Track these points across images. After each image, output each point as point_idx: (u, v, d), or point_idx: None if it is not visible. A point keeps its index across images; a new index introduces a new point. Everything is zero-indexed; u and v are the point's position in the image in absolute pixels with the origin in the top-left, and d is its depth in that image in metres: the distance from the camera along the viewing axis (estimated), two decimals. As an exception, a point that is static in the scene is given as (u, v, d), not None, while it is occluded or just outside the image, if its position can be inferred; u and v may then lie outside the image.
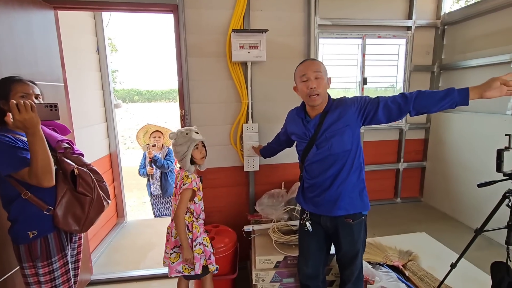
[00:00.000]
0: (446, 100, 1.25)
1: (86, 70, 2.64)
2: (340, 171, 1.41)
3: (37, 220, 1.24)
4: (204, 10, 2.04)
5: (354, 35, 2.96)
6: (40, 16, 1.73)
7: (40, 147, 1.13)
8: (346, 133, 1.38)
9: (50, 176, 1.18)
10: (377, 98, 1.37)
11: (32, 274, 1.24)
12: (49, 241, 1.26)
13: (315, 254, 1.56)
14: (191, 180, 1.60)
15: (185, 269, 1.64)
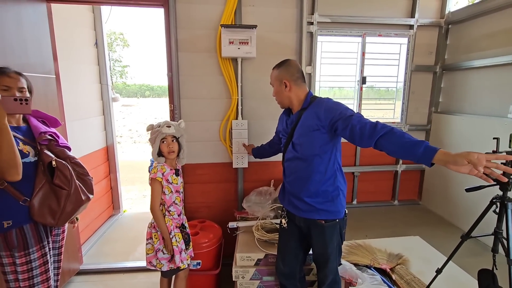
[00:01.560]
0: (409, 154, 1.08)
1: (82, 63, 2.68)
2: (310, 175, 1.39)
3: (12, 211, 1.24)
4: (195, 4, 2.04)
5: (354, 33, 2.90)
6: (31, 9, 1.77)
7: (5, 141, 1.12)
8: (316, 137, 1.34)
9: (14, 171, 1.17)
10: (350, 118, 1.22)
11: (9, 263, 1.25)
12: (26, 232, 1.27)
13: (291, 253, 1.55)
14: (157, 170, 1.60)
15: (157, 264, 1.64)
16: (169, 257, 1.63)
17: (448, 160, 1.01)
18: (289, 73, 1.43)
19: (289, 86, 1.42)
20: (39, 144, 1.35)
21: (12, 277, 1.24)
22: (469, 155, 0.96)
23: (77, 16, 2.62)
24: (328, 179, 1.40)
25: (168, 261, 1.63)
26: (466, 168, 0.98)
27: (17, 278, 1.24)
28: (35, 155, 1.31)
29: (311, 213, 1.42)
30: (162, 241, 1.63)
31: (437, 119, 3.14)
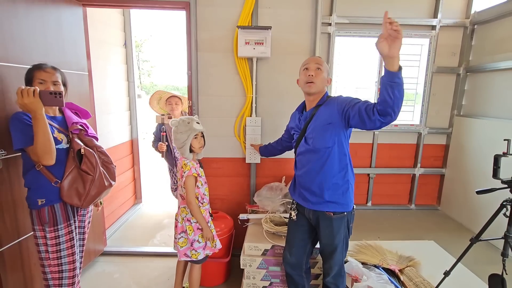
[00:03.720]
0: (392, 89, 1.11)
1: (112, 62, 2.91)
2: (322, 167, 1.45)
3: (46, 190, 1.41)
4: (214, 7, 2.16)
5: (372, 33, 2.89)
6: (69, 12, 1.97)
7: (41, 129, 1.28)
8: (329, 131, 1.42)
9: (48, 156, 1.32)
10: (357, 104, 1.30)
11: (41, 236, 1.42)
12: (56, 210, 1.44)
13: (299, 244, 1.62)
14: (190, 167, 1.69)
15: (192, 254, 1.73)
16: (204, 244, 1.74)
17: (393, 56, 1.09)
18: (328, 72, 1.58)
19: (328, 80, 1.57)
20: (71, 133, 1.52)
21: (44, 248, 1.41)
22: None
23: (109, 18, 2.85)
24: (338, 172, 1.45)
25: (203, 249, 1.75)
26: (385, 45, 1.08)
27: (47, 250, 1.41)
28: (67, 142, 1.48)
29: (321, 205, 1.47)
30: (197, 231, 1.73)
31: (459, 123, 3.04)
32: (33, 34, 1.68)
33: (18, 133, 1.32)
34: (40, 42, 1.73)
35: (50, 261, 1.42)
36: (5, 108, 1.51)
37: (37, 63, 1.46)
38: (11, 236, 1.58)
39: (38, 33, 1.72)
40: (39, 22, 1.73)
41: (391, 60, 1.09)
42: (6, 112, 1.51)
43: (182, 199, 1.77)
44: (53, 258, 1.42)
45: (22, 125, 1.33)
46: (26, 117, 1.35)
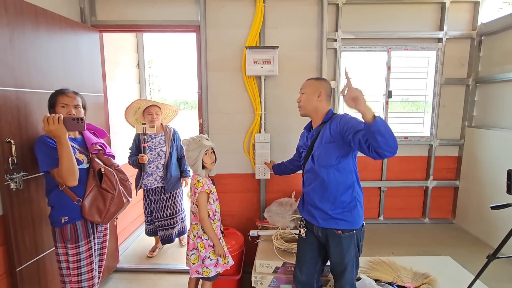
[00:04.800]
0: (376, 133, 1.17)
1: (126, 82, 3.04)
2: (328, 185, 1.47)
3: (69, 209, 1.49)
4: (223, 29, 2.25)
5: (378, 48, 2.92)
6: (87, 38, 2.10)
7: (65, 153, 1.37)
8: (333, 149, 1.44)
9: (72, 178, 1.41)
10: (358, 133, 1.29)
11: (63, 253, 1.49)
12: (77, 228, 1.51)
13: (309, 262, 1.61)
14: (203, 183, 1.73)
15: (204, 271, 1.74)
16: (216, 261, 1.75)
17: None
18: (325, 88, 1.57)
19: (321, 97, 1.55)
20: (90, 153, 1.59)
21: (65, 265, 1.47)
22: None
23: (123, 41, 3.00)
24: (345, 189, 1.46)
25: (215, 266, 1.75)
26: (351, 103, 1.20)
27: (68, 266, 1.46)
28: (88, 162, 1.55)
29: (328, 222, 1.48)
30: (208, 248, 1.74)
31: (471, 134, 2.99)
32: (54, 61, 1.79)
33: (44, 156, 1.40)
34: (60, 67, 1.84)
35: (71, 277, 1.47)
36: (27, 132, 1.60)
37: (60, 89, 1.55)
38: (29, 254, 1.64)
39: (58, 60, 1.83)
40: (59, 49, 1.84)
41: (362, 114, 1.18)
42: (29, 136, 1.60)
43: (194, 216, 1.80)
44: (74, 275, 1.47)
45: (47, 149, 1.41)
46: (51, 140, 1.43)
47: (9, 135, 1.49)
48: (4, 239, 1.54)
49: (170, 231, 2.69)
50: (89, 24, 2.23)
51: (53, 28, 1.79)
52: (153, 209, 2.66)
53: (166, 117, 2.75)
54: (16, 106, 1.54)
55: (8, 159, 1.48)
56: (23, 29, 1.59)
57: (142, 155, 2.45)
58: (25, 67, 1.60)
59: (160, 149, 2.58)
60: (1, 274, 1.53)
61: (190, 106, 28.74)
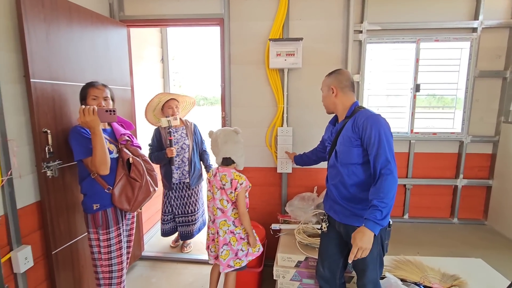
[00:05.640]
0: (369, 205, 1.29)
1: (151, 76, 3.11)
2: (350, 182, 1.43)
3: (100, 196, 1.56)
4: (246, 22, 2.24)
5: (406, 39, 2.80)
6: (116, 33, 2.16)
7: (98, 143, 1.43)
8: (355, 147, 1.39)
9: (104, 167, 1.47)
10: (375, 153, 1.31)
11: (95, 239, 1.57)
12: (108, 214, 1.58)
13: (331, 257, 1.58)
14: (244, 178, 1.72)
15: (236, 263, 1.75)
16: (247, 252, 1.78)
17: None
18: (337, 81, 1.50)
19: (336, 92, 1.49)
20: (119, 143, 1.65)
21: (97, 249, 1.54)
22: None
23: (149, 36, 3.07)
24: (368, 187, 1.41)
25: (246, 256, 1.78)
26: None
27: (100, 251, 1.53)
28: (117, 152, 1.61)
29: (350, 219, 1.44)
30: (240, 241, 1.76)
31: (507, 130, 2.80)
32: (85, 55, 1.87)
33: (79, 146, 1.46)
34: (91, 61, 1.91)
35: (102, 262, 1.54)
36: (62, 122, 1.68)
37: (90, 81, 1.61)
38: (64, 239, 1.73)
39: (89, 54, 1.90)
40: (90, 43, 1.91)
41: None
42: (63, 126, 1.68)
43: (222, 213, 1.74)
44: (105, 259, 1.54)
45: (82, 139, 1.48)
46: (84, 131, 1.50)
47: (45, 125, 1.58)
48: (41, 223, 1.64)
49: (191, 228, 2.67)
50: (117, 19, 2.30)
51: (85, 23, 1.86)
52: (174, 206, 2.63)
53: (183, 110, 2.73)
54: (52, 98, 1.62)
55: (45, 148, 1.57)
56: (58, 25, 1.66)
57: (170, 148, 2.39)
58: (59, 60, 1.67)
59: (183, 142, 2.58)
60: (39, 256, 1.63)
61: (209, 102, 29.15)
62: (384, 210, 1.24)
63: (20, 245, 1.51)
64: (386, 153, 1.29)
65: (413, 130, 2.91)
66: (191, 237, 2.70)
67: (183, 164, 2.57)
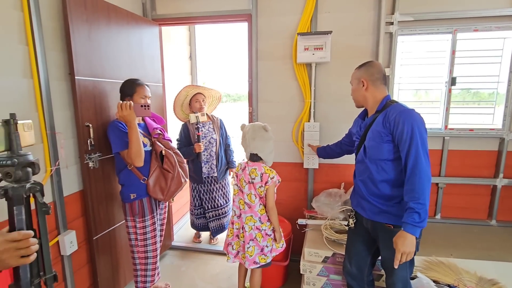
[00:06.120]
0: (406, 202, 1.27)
1: (180, 73, 3.21)
2: (379, 179, 1.39)
3: (136, 186, 1.66)
4: (274, 17, 2.24)
5: (442, 30, 2.65)
6: (149, 31, 2.25)
7: (135, 137, 1.52)
8: (386, 143, 1.35)
9: (139, 159, 1.56)
10: (410, 148, 1.26)
11: (132, 226, 1.67)
12: (144, 204, 1.67)
13: (359, 254, 1.56)
14: (275, 173, 1.72)
15: (261, 259, 1.74)
16: (271, 248, 1.78)
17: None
18: (368, 73, 1.45)
19: (366, 85, 1.45)
20: (152, 137, 1.74)
21: (134, 236, 1.64)
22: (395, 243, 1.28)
23: (178, 34, 3.17)
24: (398, 184, 1.37)
25: (270, 252, 1.78)
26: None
27: (136, 238, 1.63)
28: (150, 145, 1.70)
29: (379, 216, 1.41)
30: (265, 237, 1.75)
31: (555, 126, 2.58)
32: (121, 53, 1.97)
33: (117, 139, 1.56)
34: (126, 59, 2.02)
35: (138, 248, 1.64)
36: (102, 117, 1.79)
37: (136, 79, 1.72)
38: (103, 226, 1.85)
39: (125, 52, 2.00)
40: (126, 42, 2.01)
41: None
42: (103, 121, 1.79)
43: (249, 208, 1.74)
44: (141, 246, 1.64)
45: (119, 132, 1.58)
46: (121, 125, 1.59)
47: (88, 119, 1.69)
48: (84, 211, 1.77)
49: (222, 221, 2.71)
50: (150, 18, 2.39)
51: (121, 23, 1.96)
52: (203, 199, 2.66)
53: (209, 106, 2.77)
54: (93, 94, 1.74)
55: (87, 141, 1.69)
56: (98, 25, 1.77)
57: (199, 144, 2.44)
58: (99, 59, 1.78)
59: (210, 137, 2.61)
60: (82, 240, 1.77)
61: (232, 99, 29.45)
62: (422, 212, 1.22)
63: (66, 230, 1.65)
64: (419, 150, 1.24)
65: (448, 126, 2.76)
66: (223, 230, 2.72)
67: (211, 158, 2.61)
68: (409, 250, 1.23)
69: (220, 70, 22.71)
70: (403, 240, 1.22)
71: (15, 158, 0.70)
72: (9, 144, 0.72)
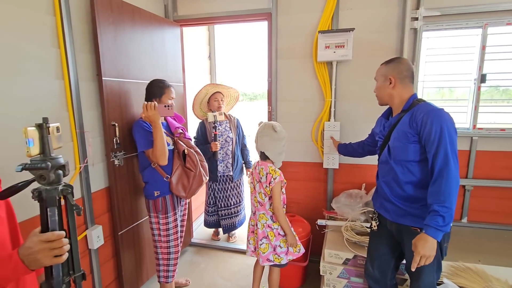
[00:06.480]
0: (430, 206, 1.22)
1: (199, 73, 3.26)
2: (404, 180, 1.35)
3: (160, 184, 1.71)
4: (294, 15, 2.22)
5: (471, 24, 2.52)
6: (171, 32, 2.30)
7: (158, 136, 1.56)
8: (412, 143, 1.29)
9: (164, 158, 1.60)
10: (438, 149, 1.21)
11: (155, 222, 1.72)
12: (167, 201, 1.72)
13: (382, 257, 1.52)
14: (279, 173, 1.70)
15: (275, 258, 1.74)
16: (286, 250, 1.75)
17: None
18: (397, 70, 1.39)
19: (394, 83, 1.39)
20: (174, 136, 1.78)
21: (157, 232, 1.69)
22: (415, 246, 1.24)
23: (197, 34, 3.21)
24: (425, 186, 1.31)
25: (285, 254, 1.76)
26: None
27: (159, 234, 1.68)
28: (173, 144, 1.74)
29: (404, 219, 1.36)
30: (278, 237, 1.74)
31: None
32: (145, 54, 2.02)
33: (142, 138, 1.61)
34: (150, 60, 2.07)
35: (161, 243, 1.69)
36: (127, 116, 1.85)
37: (164, 80, 1.77)
38: (127, 222, 1.92)
39: (148, 53, 2.05)
40: (149, 43, 2.06)
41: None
42: (128, 120, 1.85)
43: (261, 205, 1.76)
44: (164, 241, 1.69)
45: (144, 132, 1.62)
46: (146, 124, 1.64)
47: (114, 119, 1.75)
48: (109, 207, 1.84)
49: (233, 220, 2.73)
50: (172, 19, 2.44)
51: (145, 24, 2.01)
52: (217, 198, 2.68)
53: (227, 105, 2.77)
54: (118, 94, 1.80)
55: (113, 140, 1.75)
56: (123, 27, 1.82)
57: (215, 143, 2.46)
58: (124, 60, 1.84)
59: (227, 136, 2.62)
60: (108, 235, 1.84)
61: (248, 98, 29.48)
62: (447, 215, 1.17)
63: (94, 225, 1.72)
64: (447, 151, 1.19)
65: (476, 125, 2.63)
66: (234, 228, 2.76)
67: (227, 156, 2.63)
68: (429, 254, 1.18)
69: (238, 69, 22.82)
70: (423, 243, 1.18)
71: (48, 161, 0.70)
72: (42, 148, 0.73)
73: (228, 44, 24.77)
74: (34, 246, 0.67)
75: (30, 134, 0.70)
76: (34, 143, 0.71)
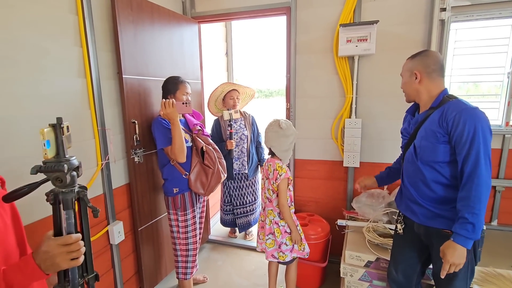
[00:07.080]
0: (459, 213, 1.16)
1: (217, 69, 3.25)
2: (432, 181, 1.26)
3: (179, 181, 1.71)
4: (314, 9, 2.15)
5: (505, 14, 2.35)
6: (189, 29, 2.29)
7: (176, 133, 1.56)
8: (441, 143, 1.21)
9: (182, 155, 1.60)
10: (470, 151, 1.13)
11: (175, 219, 1.73)
12: (185, 198, 1.72)
13: (407, 261, 1.45)
14: (286, 169, 1.68)
15: (280, 256, 1.73)
16: (291, 247, 1.74)
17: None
18: (423, 64, 1.29)
19: (420, 78, 1.30)
20: (193, 133, 1.77)
21: (176, 229, 1.70)
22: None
23: (215, 31, 3.20)
24: (454, 186, 1.23)
25: (290, 251, 1.74)
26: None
27: (178, 230, 1.69)
28: (191, 141, 1.73)
29: (434, 221, 1.28)
30: (284, 234, 1.72)
31: None
32: (163, 51, 2.02)
33: (162, 136, 1.62)
34: (168, 57, 2.07)
35: (180, 240, 1.70)
36: (146, 114, 1.87)
37: (178, 77, 1.77)
38: (147, 218, 1.94)
39: (167, 50, 2.06)
40: (167, 40, 2.06)
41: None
42: (147, 117, 1.86)
43: (269, 202, 1.75)
44: (183, 238, 1.70)
45: (164, 129, 1.63)
46: (165, 122, 1.65)
47: (134, 116, 1.77)
48: (129, 203, 1.87)
49: (249, 218, 2.71)
50: (190, 16, 2.43)
51: (164, 22, 2.01)
52: (232, 196, 2.66)
53: (241, 102, 2.73)
54: (138, 92, 1.81)
55: (133, 137, 1.77)
56: (143, 25, 1.83)
57: (230, 141, 2.44)
58: (143, 58, 1.85)
59: (242, 133, 2.58)
60: (128, 231, 1.87)
61: (264, 95, 29.45)
62: (477, 223, 1.11)
63: (115, 221, 1.75)
64: (480, 154, 1.11)
65: (509, 122, 2.47)
66: (249, 226, 2.74)
67: (242, 154, 2.60)
68: (459, 262, 1.14)
69: (254, 65, 22.78)
70: (452, 251, 1.13)
71: (64, 163, 0.67)
72: (57, 148, 0.69)
73: (245, 40, 24.73)
74: (52, 250, 0.65)
75: (48, 135, 0.67)
76: (51, 144, 0.68)
